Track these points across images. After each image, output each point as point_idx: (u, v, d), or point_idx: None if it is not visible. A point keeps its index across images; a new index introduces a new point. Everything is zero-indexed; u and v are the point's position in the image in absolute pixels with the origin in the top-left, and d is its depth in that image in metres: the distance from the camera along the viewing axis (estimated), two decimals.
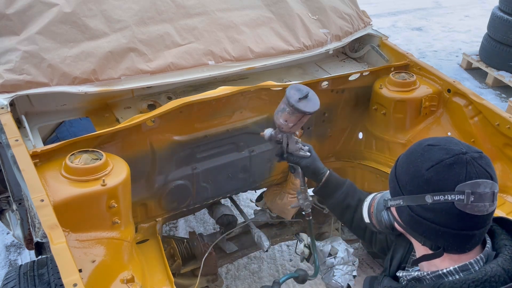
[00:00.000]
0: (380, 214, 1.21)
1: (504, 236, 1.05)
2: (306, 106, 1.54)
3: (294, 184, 2.40)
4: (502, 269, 0.96)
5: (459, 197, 0.95)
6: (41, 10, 1.85)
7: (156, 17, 2.04)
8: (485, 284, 0.95)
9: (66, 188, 1.45)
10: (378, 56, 2.55)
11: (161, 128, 1.89)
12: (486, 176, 0.97)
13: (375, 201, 1.29)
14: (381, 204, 1.23)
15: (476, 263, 1.00)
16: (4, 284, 1.76)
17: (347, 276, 2.23)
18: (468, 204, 0.95)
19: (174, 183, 2.06)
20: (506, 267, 0.97)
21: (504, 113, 2.03)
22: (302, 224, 2.66)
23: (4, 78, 1.73)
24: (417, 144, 1.08)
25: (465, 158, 0.97)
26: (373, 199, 1.30)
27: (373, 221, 1.27)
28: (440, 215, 0.98)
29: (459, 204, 0.95)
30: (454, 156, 0.98)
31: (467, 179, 0.95)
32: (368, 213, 1.31)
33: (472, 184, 0.95)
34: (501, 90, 5.41)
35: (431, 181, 0.98)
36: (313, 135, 2.39)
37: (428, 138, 1.09)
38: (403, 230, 1.12)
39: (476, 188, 0.95)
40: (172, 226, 3.37)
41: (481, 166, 0.98)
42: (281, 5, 2.33)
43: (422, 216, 1.01)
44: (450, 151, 0.99)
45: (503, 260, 0.98)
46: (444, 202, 0.96)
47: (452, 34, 7.15)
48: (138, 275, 1.50)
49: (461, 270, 1.01)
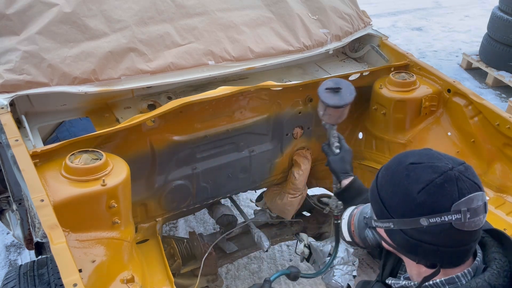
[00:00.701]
0: (363, 232, 1.17)
1: (495, 248, 1.04)
2: (329, 98, 1.59)
3: (294, 184, 2.40)
4: (488, 284, 0.95)
5: (456, 216, 0.93)
6: (41, 10, 1.85)
7: (156, 17, 2.04)
8: None
9: (66, 188, 1.45)
10: (378, 56, 2.55)
11: (161, 128, 1.89)
12: (475, 188, 0.95)
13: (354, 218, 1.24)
14: (361, 221, 1.19)
15: (464, 276, 0.99)
16: (4, 284, 1.76)
17: (347, 276, 2.23)
18: (466, 221, 0.93)
19: (174, 183, 2.06)
20: (493, 283, 0.95)
21: (504, 113, 2.03)
22: (302, 224, 2.66)
23: (4, 78, 1.72)
24: (398, 163, 1.03)
25: (453, 175, 0.95)
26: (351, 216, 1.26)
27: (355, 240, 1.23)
28: (438, 236, 0.95)
29: (457, 224, 0.93)
30: (442, 175, 0.95)
31: (460, 197, 0.93)
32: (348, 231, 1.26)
33: (466, 200, 0.93)
34: (501, 90, 5.41)
35: (424, 204, 0.95)
36: (313, 135, 2.39)
37: (407, 154, 1.05)
38: (392, 249, 1.09)
39: (471, 204, 0.93)
40: (172, 226, 3.37)
41: (469, 179, 0.96)
42: (281, 5, 2.33)
43: (418, 239, 0.98)
44: (436, 169, 0.96)
45: (490, 275, 0.97)
46: (441, 223, 0.94)
47: (452, 34, 7.15)
48: (138, 275, 1.50)
49: (448, 282, 1.00)
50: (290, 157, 2.39)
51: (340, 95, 1.63)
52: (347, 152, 1.71)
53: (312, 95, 2.24)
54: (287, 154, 2.36)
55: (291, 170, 2.41)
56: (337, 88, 1.61)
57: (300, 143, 2.37)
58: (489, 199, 2.01)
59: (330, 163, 1.68)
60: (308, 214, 2.76)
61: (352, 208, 1.29)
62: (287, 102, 2.20)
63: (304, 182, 2.42)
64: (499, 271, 0.98)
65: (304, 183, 2.43)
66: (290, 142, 2.33)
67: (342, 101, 1.62)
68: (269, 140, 2.26)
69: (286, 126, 2.26)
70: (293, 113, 2.24)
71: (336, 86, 1.62)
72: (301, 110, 2.25)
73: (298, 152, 2.39)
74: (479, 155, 2.12)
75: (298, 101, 2.23)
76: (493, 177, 2.07)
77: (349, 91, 1.65)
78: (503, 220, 1.84)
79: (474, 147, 2.13)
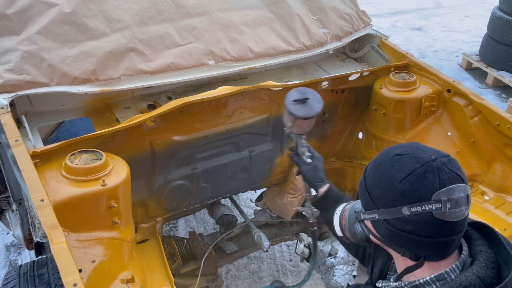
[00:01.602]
0: (353, 227, 1.18)
1: (480, 241, 1.04)
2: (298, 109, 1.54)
3: (294, 184, 2.40)
4: (477, 277, 0.96)
5: (437, 205, 0.94)
6: (41, 10, 1.85)
7: (156, 17, 2.04)
8: None
9: (66, 188, 1.45)
10: (378, 56, 2.55)
11: (161, 128, 1.89)
12: (458, 180, 0.97)
13: (345, 213, 1.25)
14: (352, 216, 1.20)
15: (452, 271, 1.00)
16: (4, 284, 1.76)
17: (347, 276, 2.23)
18: (446, 211, 0.94)
19: (174, 183, 2.06)
20: (482, 275, 0.96)
21: (504, 113, 2.03)
22: (302, 224, 2.66)
23: (4, 78, 1.73)
24: (384, 154, 1.06)
25: (435, 165, 0.96)
26: (343, 211, 1.27)
27: (346, 234, 1.23)
28: (419, 225, 0.97)
29: (437, 213, 0.95)
30: (424, 165, 0.97)
31: (441, 187, 0.95)
32: (340, 226, 1.27)
33: (447, 191, 0.94)
34: (501, 90, 5.41)
35: (406, 193, 0.97)
36: (313, 135, 2.39)
37: (395, 147, 1.07)
38: (379, 242, 1.10)
39: (451, 195, 0.94)
40: (172, 226, 3.37)
41: (451, 171, 0.97)
42: (281, 5, 2.33)
43: (400, 229, 1.00)
44: (420, 160, 0.98)
45: (478, 267, 0.98)
46: (421, 212, 0.95)
47: (452, 34, 7.15)
48: (138, 275, 1.50)
49: (437, 279, 1.00)
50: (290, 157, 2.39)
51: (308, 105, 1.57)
52: (318, 159, 1.66)
53: None
54: (287, 154, 2.36)
55: (291, 170, 2.41)
56: (305, 98, 1.56)
57: None
58: (489, 199, 2.01)
59: (303, 173, 1.63)
60: None
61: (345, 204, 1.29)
62: None
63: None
64: (487, 263, 0.99)
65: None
66: (290, 142, 2.33)
67: (312, 111, 1.57)
68: (269, 140, 2.26)
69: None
70: None
71: (303, 97, 1.57)
72: None
73: None
74: (479, 155, 2.12)
75: None
76: (493, 177, 2.07)
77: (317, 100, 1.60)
78: (503, 220, 1.84)
79: (474, 147, 2.13)
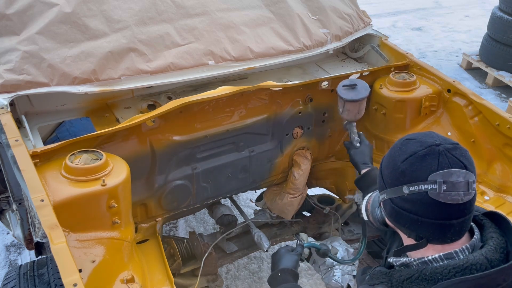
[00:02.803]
0: (375, 211, 1.26)
1: (492, 229, 1.08)
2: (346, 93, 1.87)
3: (294, 184, 2.40)
4: (484, 258, 0.99)
5: (432, 186, 0.98)
6: (41, 10, 1.85)
7: (156, 17, 2.04)
8: (465, 271, 0.98)
9: (66, 188, 1.45)
10: (378, 56, 2.55)
11: (161, 128, 1.89)
12: (459, 165, 0.99)
13: (371, 198, 1.33)
14: (376, 201, 1.26)
15: (462, 252, 1.03)
16: (4, 284, 1.76)
17: (347, 276, 2.23)
18: (441, 192, 0.98)
19: (174, 183, 2.06)
20: (489, 257, 0.99)
21: (504, 113, 2.03)
22: (302, 224, 2.66)
23: (4, 78, 1.72)
24: (399, 140, 1.12)
25: (437, 149, 1.01)
26: (370, 197, 1.34)
27: (370, 219, 1.31)
28: (417, 205, 1.02)
29: (432, 193, 0.98)
30: (427, 148, 1.02)
31: (439, 169, 0.99)
32: (365, 211, 1.35)
33: (444, 173, 0.98)
34: (501, 90, 5.41)
35: (406, 172, 1.03)
36: (313, 135, 2.39)
37: (411, 134, 1.13)
38: (391, 224, 1.15)
39: (448, 177, 0.98)
40: (172, 226, 3.37)
41: (454, 157, 1.00)
42: (281, 5, 2.33)
43: (401, 207, 1.06)
44: (423, 143, 1.03)
45: (487, 250, 1.01)
46: (418, 192, 1.00)
47: (452, 34, 7.15)
48: (138, 275, 1.50)
49: (446, 257, 1.03)
50: (290, 157, 2.39)
51: (356, 91, 1.87)
52: (367, 146, 1.93)
53: (312, 95, 2.24)
54: (287, 154, 2.36)
55: (291, 170, 2.41)
56: (353, 85, 1.85)
57: (300, 143, 2.37)
58: (489, 199, 2.01)
59: (351, 155, 1.90)
60: (308, 214, 2.76)
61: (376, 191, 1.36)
62: (287, 102, 2.20)
63: (304, 182, 2.42)
64: (496, 247, 1.02)
65: (304, 183, 2.43)
66: (290, 142, 2.33)
67: (359, 95, 1.86)
68: (269, 140, 2.26)
69: (286, 126, 2.26)
70: (293, 113, 2.24)
71: (352, 83, 1.87)
72: (301, 110, 2.25)
73: (298, 152, 2.39)
74: (479, 155, 2.12)
75: (298, 101, 2.23)
76: (493, 177, 2.07)
77: (364, 87, 1.89)
78: None
79: (474, 147, 2.13)
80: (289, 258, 1.66)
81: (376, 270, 1.19)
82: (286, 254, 1.68)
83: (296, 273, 1.62)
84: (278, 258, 1.67)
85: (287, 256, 1.67)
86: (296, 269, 1.64)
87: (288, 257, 1.67)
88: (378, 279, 1.13)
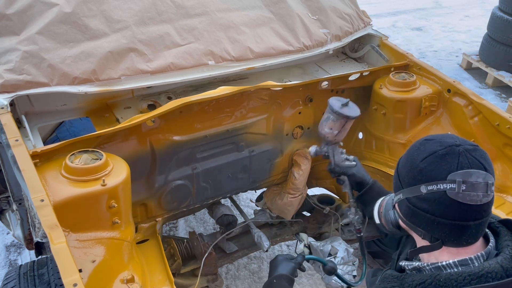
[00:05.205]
0: (388, 214, 1.24)
1: (508, 237, 1.06)
2: (348, 111, 1.73)
3: (294, 184, 2.40)
4: (500, 266, 0.97)
5: (451, 185, 0.97)
6: (41, 10, 1.85)
7: (156, 17, 2.04)
8: (481, 279, 0.96)
9: (66, 188, 1.45)
10: (378, 56, 2.55)
11: (161, 128, 1.89)
12: (479, 166, 0.99)
13: (384, 201, 1.31)
14: (389, 204, 1.26)
15: (477, 259, 1.02)
16: (4, 284, 1.76)
17: (347, 276, 2.23)
18: (460, 192, 0.97)
19: (174, 183, 2.06)
20: (505, 265, 0.98)
21: (504, 113, 2.03)
22: (302, 224, 2.66)
23: (4, 78, 1.73)
24: (417, 140, 1.12)
25: (458, 150, 1.00)
26: (383, 200, 1.33)
27: (382, 222, 1.30)
28: (434, 204, 1.01)
29: (451, 193, 0.97)
30: (447, 148, 1.01)
31: (458, 169, 0.98)
32: (378, 214, 1.34)
33: (463, 173, 0.97)
34: (501, 90, 5.40)
35: (424, 171, 1.02)
36: (313, 135, 2.39)
37: (429, 135, 1.12)
38: (406, 226, 1.14)
39: (468, 178, 0.97)
40: (172, 226, 3.37)
41: (474, 158, 0.99)
42: (281, 5, 2.33)
43: (418, 207, 1.05)
44: (444, 143, 1.03)
45: (503, 258, 0.99)
46: (437, 191, 0.99)
47: (452, 34, 7.14)
48: (138, 275, 1.50)
49: (460, 264, 1.02)
50: (290, 157, 2.39)
51: (351, 107, 1.76)
52: (357, 159, 1.82)
53: (312, 95, 2.24)
54: (287, 154, 2.36)
55: (291, 170, 2.41)
56: (346, 102, 1.74)
57: (300, 143, 2.37)
58: None
59: (355, 174, 1.75)
60: (308, 214, 2.76)
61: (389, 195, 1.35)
62: (287, 102, 2.20)
63: (304, 182, 2.42)
64: None
65: (304, 183, 2.43)
66: (290, 142, 2.33)
67: (357, 110, 1.77)
68: (269, 140, 2.26)
69: (286, 126, 2.26)
70: (293, 113, 2.24)
71: (344, 101, 1.75)
72: (301, 110, 2.25)
73: (298, 152, 2.39)
74: None
75: (298, 101, 2.23)
76: None
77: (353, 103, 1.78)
78: None
79: None
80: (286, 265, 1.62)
81: (387, 273, 1.18)
82: (284, 261, 1.65)
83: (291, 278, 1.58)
84: (275, 265, 1.64)
85: (284, 263, 1.64)
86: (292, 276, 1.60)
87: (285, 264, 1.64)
88: (390, 283, 1.12)
